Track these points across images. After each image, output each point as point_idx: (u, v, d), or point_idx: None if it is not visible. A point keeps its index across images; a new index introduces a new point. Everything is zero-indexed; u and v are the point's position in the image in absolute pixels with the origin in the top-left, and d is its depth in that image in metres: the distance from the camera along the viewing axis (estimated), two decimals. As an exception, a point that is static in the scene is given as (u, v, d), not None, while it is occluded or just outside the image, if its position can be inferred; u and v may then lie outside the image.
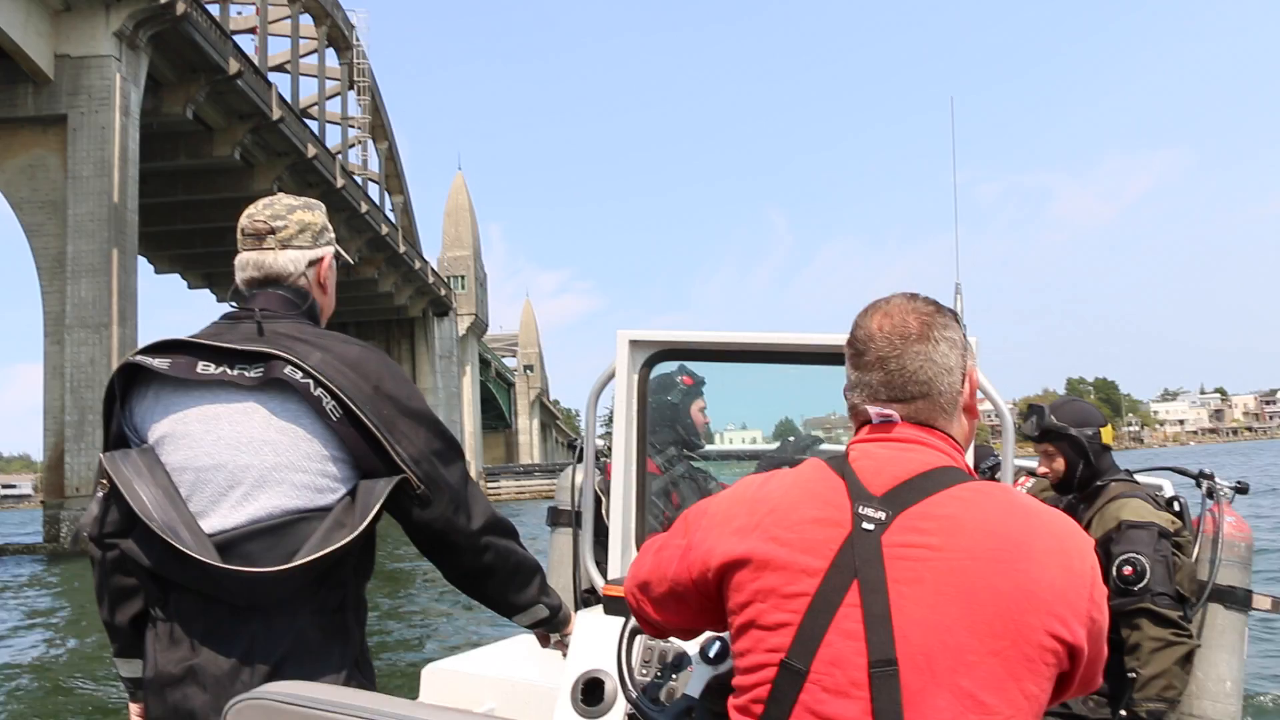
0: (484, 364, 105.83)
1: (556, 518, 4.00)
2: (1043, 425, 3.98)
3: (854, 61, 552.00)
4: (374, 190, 71.63)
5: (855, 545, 1.48)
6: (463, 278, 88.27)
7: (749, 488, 1.64)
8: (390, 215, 75.03)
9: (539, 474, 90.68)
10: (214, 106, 43.31)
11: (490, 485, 76.69)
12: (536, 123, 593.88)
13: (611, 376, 3.16)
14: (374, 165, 74.04)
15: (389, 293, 71.47)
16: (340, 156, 63.59)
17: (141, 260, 60.02)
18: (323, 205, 2.36)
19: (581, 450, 3.46)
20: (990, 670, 1.42)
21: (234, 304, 2.20)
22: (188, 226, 54.81)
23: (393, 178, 77.36)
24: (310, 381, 1.99)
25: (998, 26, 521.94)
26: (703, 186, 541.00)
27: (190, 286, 66.33)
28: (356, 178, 65.72)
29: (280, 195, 2.30)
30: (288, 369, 1.99)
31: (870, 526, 1.49)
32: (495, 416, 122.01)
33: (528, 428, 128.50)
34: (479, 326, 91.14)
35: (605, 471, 3.63)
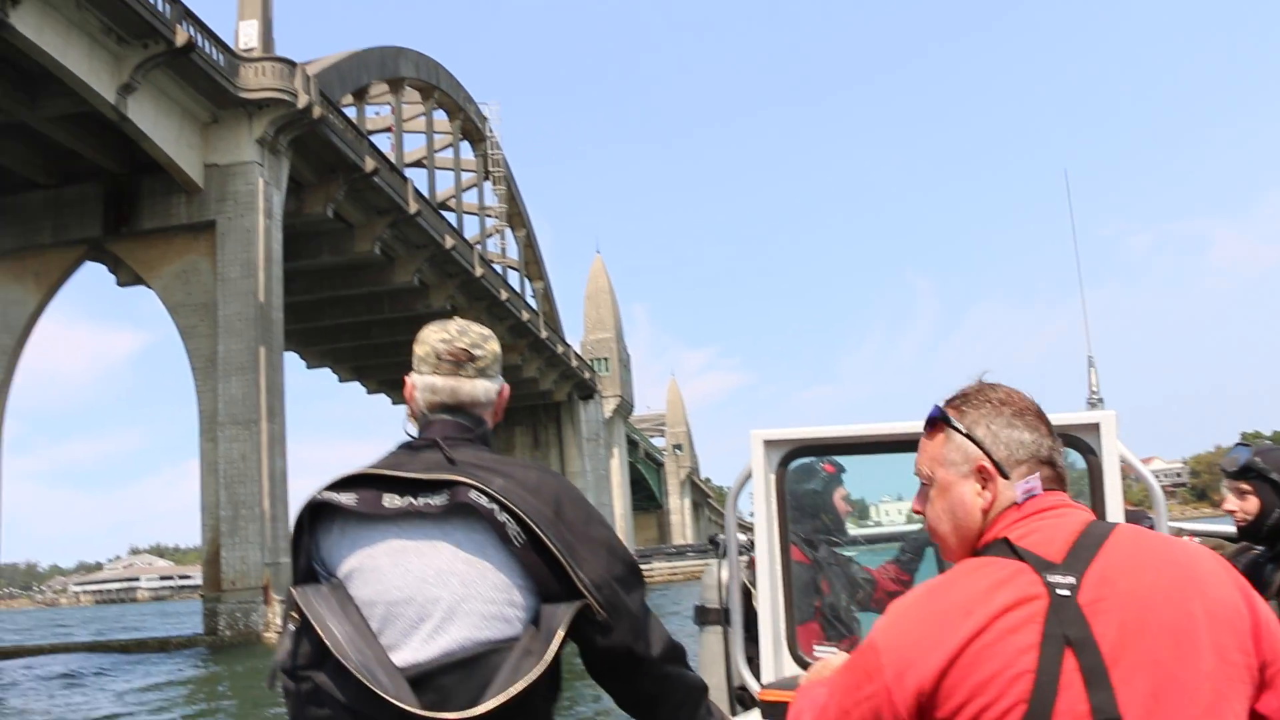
0: (632, 445, 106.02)
1: (705, 616, 3.98)
2: (1245, 463, 3.78)
3: (988, 118, 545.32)
4: (514, 277, 72.91)
5: (1058, 613, 1.50)
6: (606, 360, 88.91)
7: (926, 601, 1.61)
8: (531, 301, 76.20)
9: (691, 554, 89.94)
10: (353, 204, 44.60)
11: (642, 567, 76.13)
12: (676, 201, 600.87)
13: (749, 477, 3.20)
14: (513, 253, 75.45)
15: (533, 378, 72.28)
16: (479, 246, 64.91)
17: (294, 356, 62.30)
18: None
19: (724, 546, 3.51)
20: (1206, 698, 1.46)
21: (410, 431, 2.20)
22: (334, 321, 56.46)
23: (532, 264, 78.65)
24: (495, 507, 2.00)
25: (1136, 73, 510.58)
26: (843, 254, 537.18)
27: (341, 380, 68.21)
28: (495, 266, 66.96)
29: (468, 322, 2.31)
30: (473, 494, 2.00)
31: (1065, 592, 1.52)
32: (645, 497, 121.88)
33: (679, 507, 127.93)
34: (625, 408, 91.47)
35: (751, 565, 3.60)
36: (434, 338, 2.22)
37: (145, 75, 33.09)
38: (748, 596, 3.53)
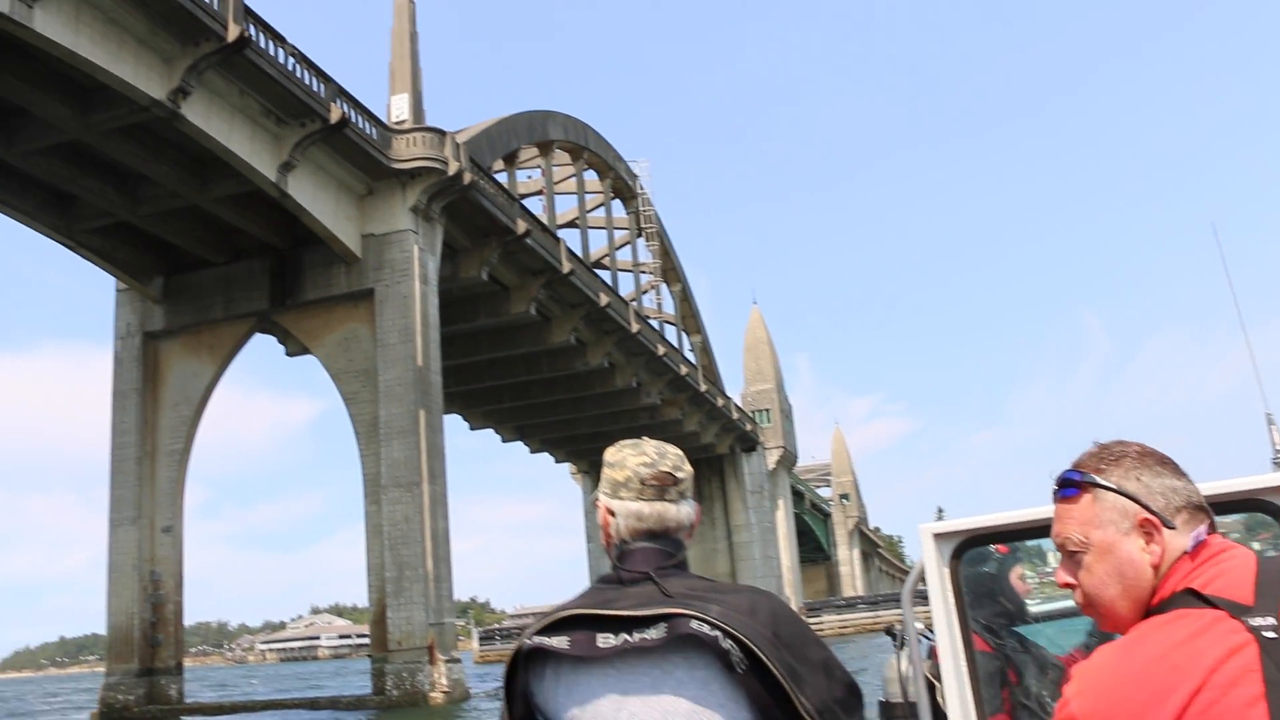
0: (797, 496, 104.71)
1: (890, 712, 3.97)
2: None
3: (1154, 140, 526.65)
4: (671, 332, 73.09)
5: (1272, 658, 1.44)
6: (767, 411, 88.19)
7: (1121, 661, 1.53)
8: (689, 355, 76.22)
9: (863, 606, 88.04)
10: (507, 266, 45.41)
11: (811, 621, 74.87)
12: (832, 247, 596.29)
13: (922, 574, 3.18)
14: (669, 308, 75.64)
15: (694, 432, 72.13)
16: (634, 302, 65.35)
17: (457, 418, 63.55)
18: None
19: (902, 637, 3.52)
20: None
21: (616, 560, 2.16)
22: (495, 383, 57.40)
23: (689, 318, 78.78)
24: (718, 634, 1.95)
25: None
26: (1007, 290, 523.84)
27: (504, 440, 69.21)
28: (652, 321, 67.27)
29: (662, 443, 2.26)
30: (694, 624, 1.95)
31: (1272, 634, 1.46)
32: (813, 549, 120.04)
33: (848, 558, 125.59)
34: (788, 459, 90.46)
35: (932, 655, 3.50)
36: (634, 462, 2.17)
37: (303, 153, 34.43)
38: (931, 689, 3.44)
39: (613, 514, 2.15)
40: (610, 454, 2.24)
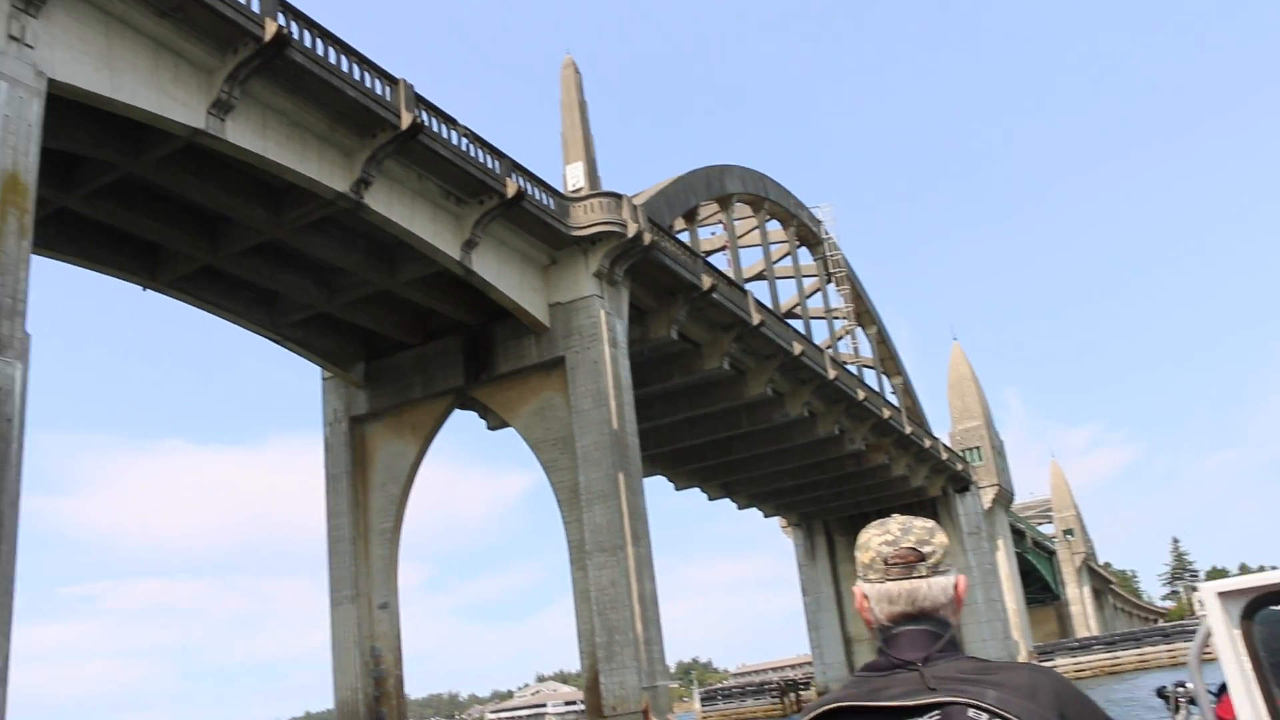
0: (1017, 534, 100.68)
1: None
2: None
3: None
4: (870, 376, 71.61)
5: None
6: (978, 449, 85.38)
7: None
8: (891, 398, 74.49)
9: (1099, 648, 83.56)
10: (696, 323, 45.25)
11: (1044, 664, 71.30)
12: (1031, 275, 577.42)
13: (1208, 635, 2.96)
14: (866, 351, 74.23)
15: (903, 476, 70.30)
16: (830, 349, 64.33)
17: (662, 480, 63.54)
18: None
19: (1176, 701, 3.55)
20: None
21: (881, 645, 2.11)
22: (695, 441, 57.21)
23: (887, 360, 77.14)
24: None
25: None
26: (1223, 299, 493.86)
27: (710, 498, 68.84)
28: (849, 367, 66.05)
29: (908, 518, 2.25)
30: (970, 712, 1.89)
31: None
32: (1039, 589, 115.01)
33: (1078, 597, 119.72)
34: (1004, 496, 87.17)
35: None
36: (877, 541, 2.17)
37: (484, 229, 35.18)
38: None
39: (867, 598, 2.13)
40: (859, 536, 2.23)
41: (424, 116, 31.96)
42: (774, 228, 64.98)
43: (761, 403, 54.07)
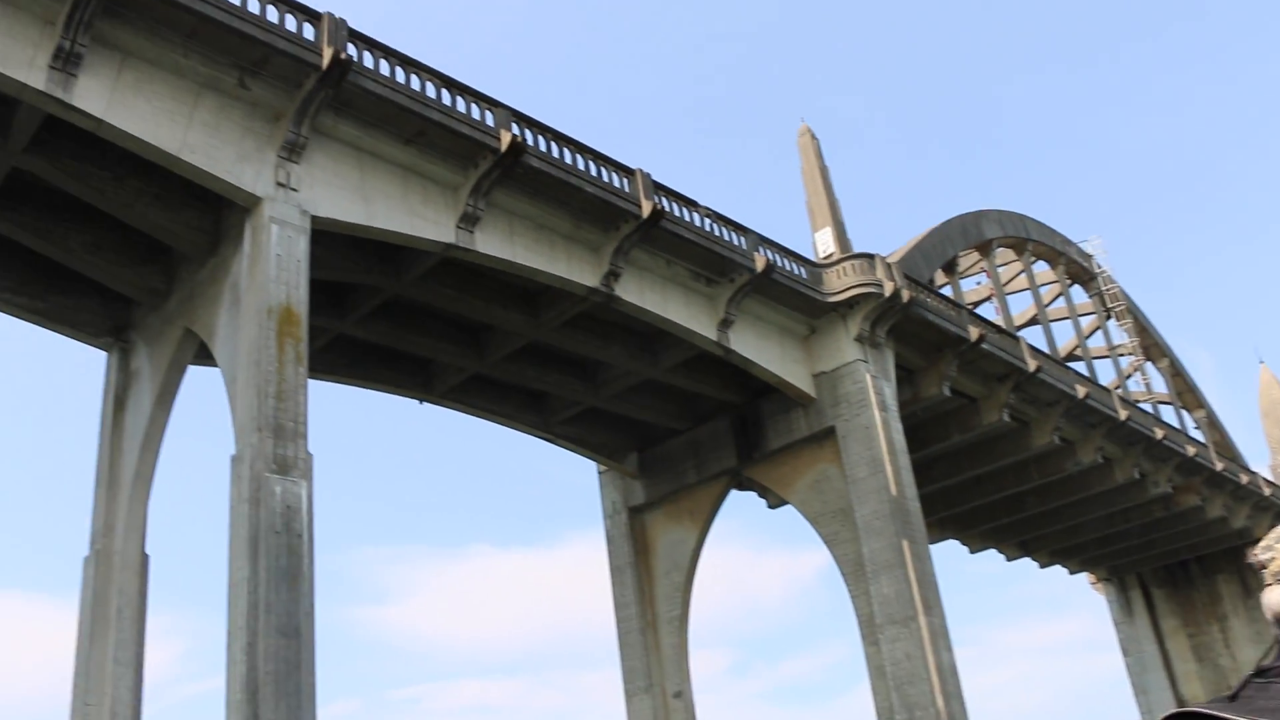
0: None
1: None
2: None
3: None
4: (1168, 412, 66.92)
5: None
6: (1304, 478, 78.01)
7: None
8: (1196, 434, 69.28)
9: None
10: (968, 377, 43.43)
11: None
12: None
13: None
14: (1159, 386, 69.49)
15: (1220, 518, 64.83)
16: (1118, 389, 60.59)
17: (953, 544, 61.03)
18: None
19: None
20: None
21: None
22: (984, 500, 54.66)
23: (1185, 393, 71.91)
24: None
25: None
26: None
27: (1008, 559, 65.51)
28: (1143, 405, 61.92)
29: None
30: None
31: None
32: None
33: None
34: (1343, 528, 79.07)
35: None
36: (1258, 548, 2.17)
37: (738, 307, 34.99)
38: None
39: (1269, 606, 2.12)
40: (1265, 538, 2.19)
41: (664, 202, 32.23)
42: (1041, 269, 62.12)
43: (1050, 453, 51.18)
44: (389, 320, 33.06)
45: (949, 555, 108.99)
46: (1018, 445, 49.17)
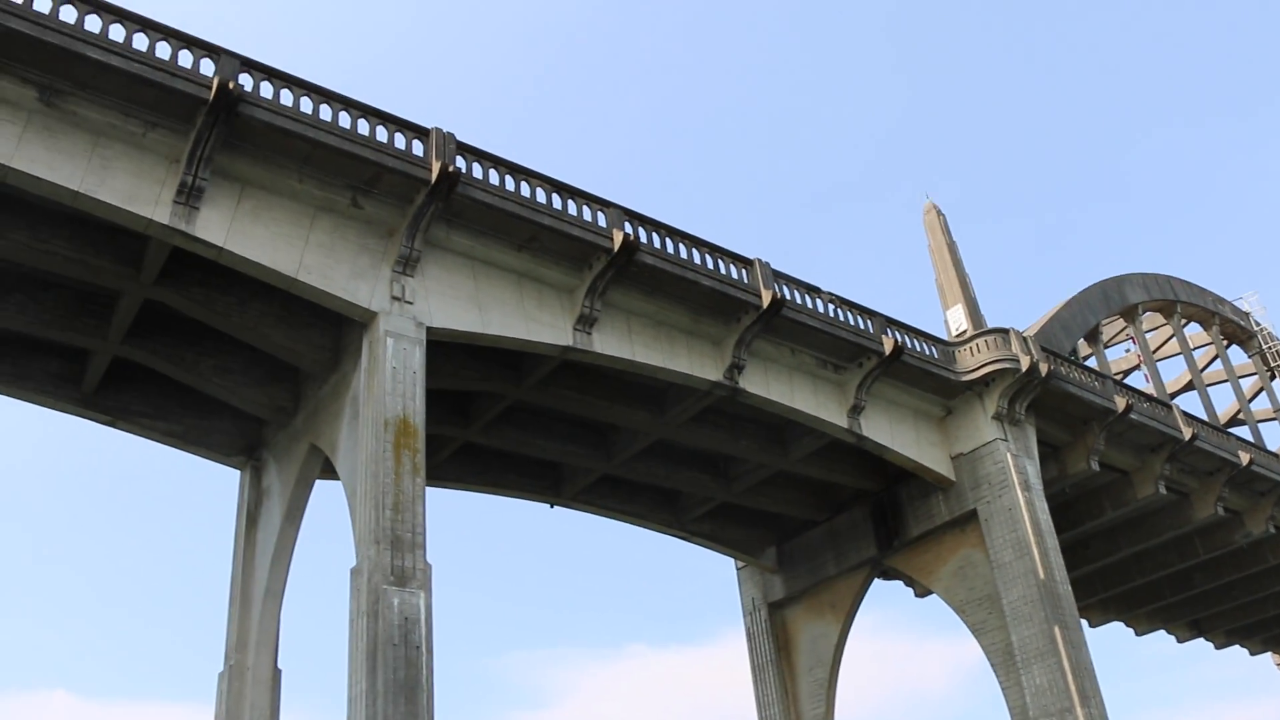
0: None
1: None
2: None
3: None
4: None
5: None
6: None
7: None
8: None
9: None
10: (1118, 449, 41.43)
11: None
12: None
13: None
14: (1335, 447, 65.38)
15: None
16: (1289, 452, 57.15)
17: (1118, 626, 57.98)
18: None
19: None
20: None
21: None
22: (1147, 578, 51.87)
23: (1365, 453, 67.48)
24: None
25: None
26: None
27: (1179, 640, 61.88)
28: (1318, 467, 58.19)
29: None
30: None
31: None
32: None
33: None
34: None
35: None
36: None
37: (868, 392, 34.07)
38: None
39: None
40: None
41: (784, 291, 31.72)
42: (1194, 331, 59.43)
43: (1215, 525, 48.39)
44: (513, 425, 33.13)
45: (1113, 639, 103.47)
46: (1178, 518, 46.64)
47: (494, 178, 27.02)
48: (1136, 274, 52.33)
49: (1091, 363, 47.43)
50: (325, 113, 24.59)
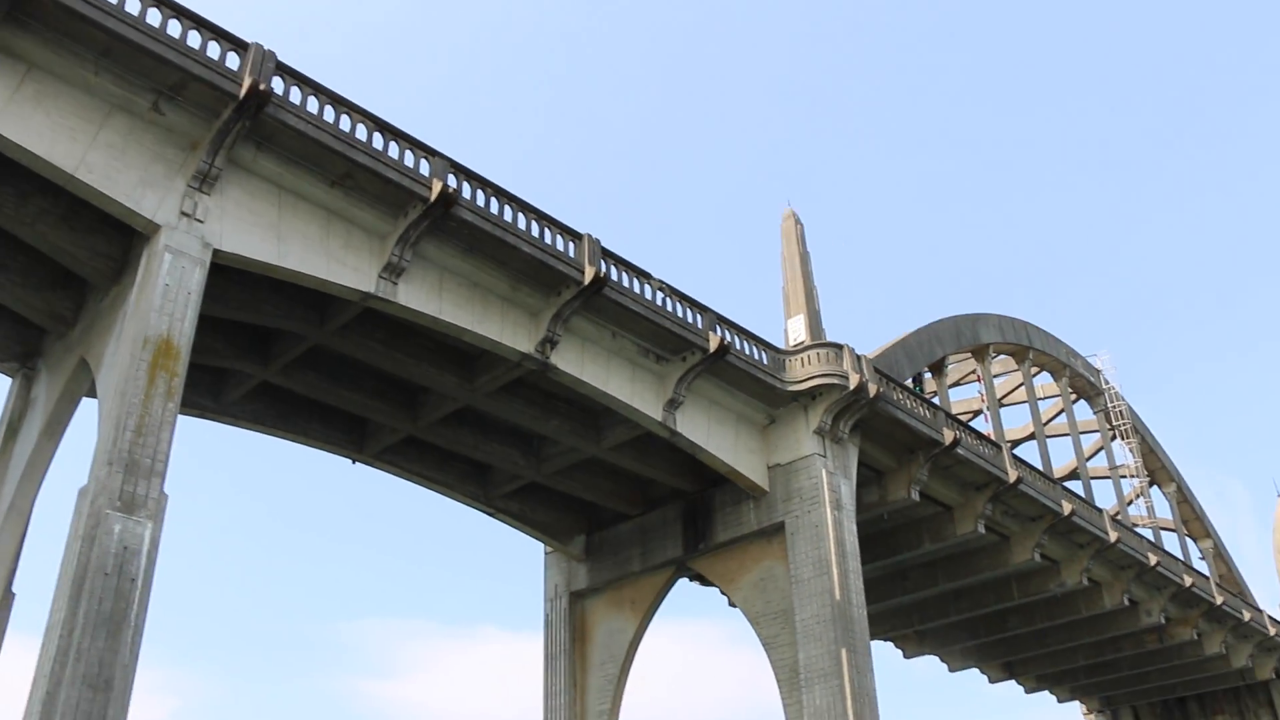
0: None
1: None
2: None
3: None
4: (1172, 540, 64.11)
5: None
6: (1324, 623, 74.53)
7: None
8: (1201, 565, 66.38)
9: None
10: (943, 483, 41.32)
11: None
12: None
13: None
14: (1165, 513, 66.73)
15: (1219, 655, 61.62)
16: (1119, 513, 58.00)
17: (933, 660, 58.31)
18: None
19: None
20: None
21: None
22: (964, 615, 52.17)
23: (1192, 521, 69.01)
24: None
25: None
26: None
27: (991, 680, 62.59)
28: (1143, 530, 59.22)
29: None
30: None
31: None
32: None
33: None
34: (1357, 678, 75.26)
35: None
36: None
37: (689, 387, 33.28)
38: None
39: None
40: None
41: (611, 270, 30.73)
42: (1045, 381, 60.04)
43: (1033, 571, 48.77)
44: (316, 371, 31.62)
45: (928, 672, 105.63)
46: (997, 560, 46.84)
47: (313, 105, 25.57)
48: (993, 314, 52.54)
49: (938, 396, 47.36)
50: (134, 7, 22.94)
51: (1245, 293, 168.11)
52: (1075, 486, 55.00)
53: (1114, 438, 62.36)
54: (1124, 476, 62.10)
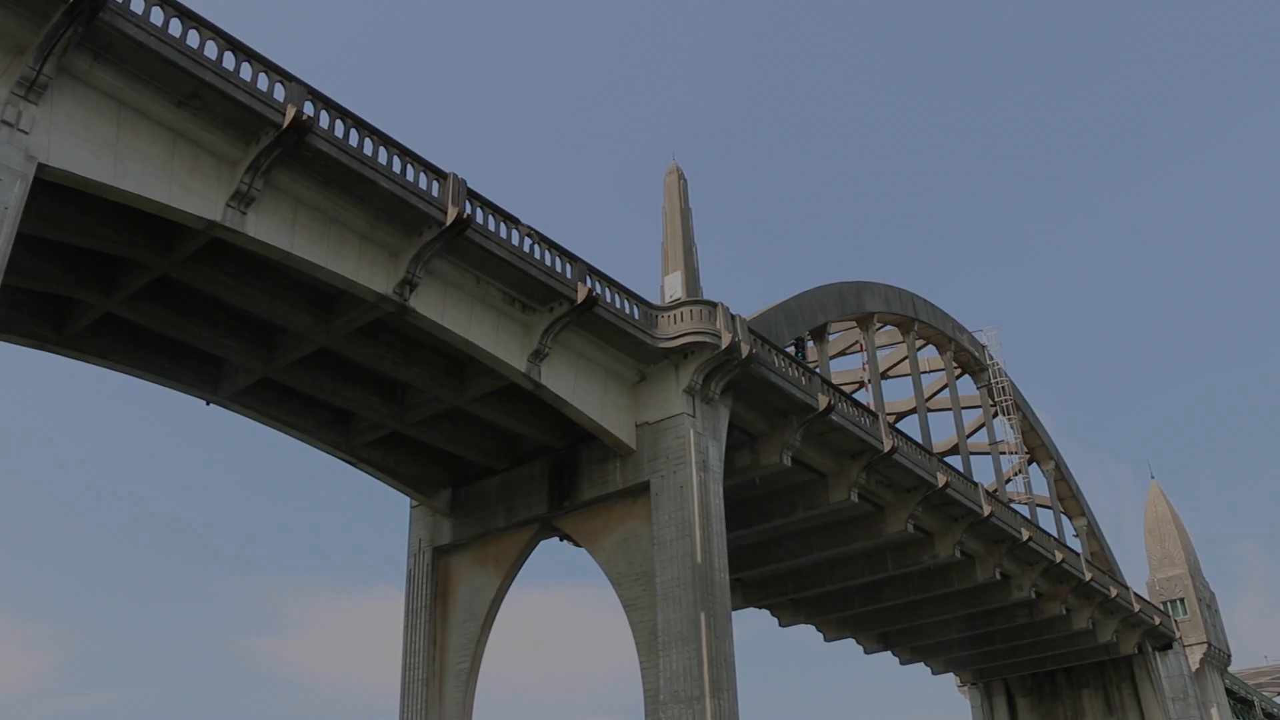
0: (1243, 702, 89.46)
1: None
2: None
3: None
4: (1048, 517, 64.94)
5: None
6: (1181, 600, 76.46)
7: None
8: (1074, 542, 67.46)
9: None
10: (817, 450, 40.96)
11: None
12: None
13: None
14: (1042, 490, 67.62)
15: (1085, 630, 62.75)
16: (996, 490, 58.48)
17: (810, 629, 58.37)
18: None
19: None
20: None
21: None
22: (839, 585, 52.20)
23: (1068, 499, 70.08)
24: None
25: None
26: None
27: (866, 651, 63.07)
28: (1019, 506, 59.83)
29: None
30: None
31: None
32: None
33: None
34: (1218, 657, 77.49)
35: None
36: None
37: (555, 339, 32.28)
38: None
39: None
40: None
41: (477, 212, 29.54)
42: (930, 354, 60.16)
43: (906, 542, 48.89)
44: (164, 305, 29.97)
45: (804, 640, 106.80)
46: (871, 530, 46.80)
47: (157, 17, 23.93)
48: (880, 284, 52.23)
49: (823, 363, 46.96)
50: (-49, -104, 21.17)
51: (1155, 290, 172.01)
52: (955, 461, 55.23)
53: (995, 414, 62.84)
54: (1003, 453, 62.70)
